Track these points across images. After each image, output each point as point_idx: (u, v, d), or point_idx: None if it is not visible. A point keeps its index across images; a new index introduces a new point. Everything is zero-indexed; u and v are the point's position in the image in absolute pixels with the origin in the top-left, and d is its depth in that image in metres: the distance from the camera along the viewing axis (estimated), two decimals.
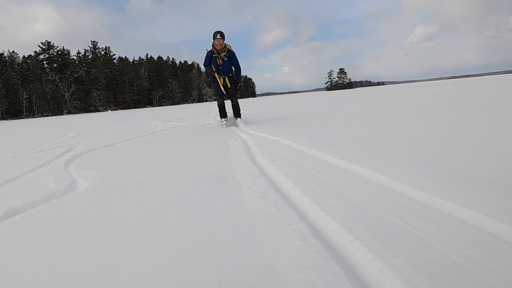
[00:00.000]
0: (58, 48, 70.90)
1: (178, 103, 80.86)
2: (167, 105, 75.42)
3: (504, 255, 0.93)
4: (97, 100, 68.26)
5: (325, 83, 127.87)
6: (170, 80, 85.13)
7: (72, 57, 72.68)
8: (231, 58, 5.89)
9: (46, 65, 68.97)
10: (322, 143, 2.99)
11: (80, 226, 1.41)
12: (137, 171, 2.57)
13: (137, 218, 1.47)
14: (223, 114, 6.18)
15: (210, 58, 5.89)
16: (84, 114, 48.77)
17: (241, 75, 6.19)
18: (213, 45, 5.77)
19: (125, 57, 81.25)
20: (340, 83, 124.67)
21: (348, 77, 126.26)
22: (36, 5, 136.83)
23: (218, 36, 5.63)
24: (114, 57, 78.80)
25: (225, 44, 5.78)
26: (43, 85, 63.15)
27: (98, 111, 63.43)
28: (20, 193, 1.97)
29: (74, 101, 65.67)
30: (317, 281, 0.87)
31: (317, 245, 1.07)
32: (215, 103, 8.44)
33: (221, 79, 5.92)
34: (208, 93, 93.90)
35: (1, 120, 51.19)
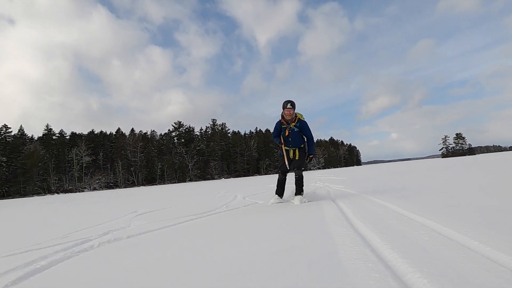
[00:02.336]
0: (186, 126, 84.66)
1: None
2: (273, 173, 79.60)
3: None
4: (213, 169, 76.68)
5: (440, 150, 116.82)
6: (276, 151, 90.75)
7: (195, 133, 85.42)
8: (302, 128, 5.40)
9: (176, 140, 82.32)
10: None
11: None
12: None
13: None
14: (279, 190, 5.56)
15: (279, 129, 5.49)
16: (201, 181, 55.23)
17: (314, 146, 5.59)
18: (282, 115, 5.40)
19: (238, 131, 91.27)
20: (458, 149, 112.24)
21: (467, 142, 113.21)
22: (170, 91, 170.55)
23: (289, 106, 5.22)
24: (228, 131, 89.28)
25: (295, 113, 5.36)
26: (172, 157, 74.91)
27: (214, 178, 70.81)
28: None
29: (195, 170, 75.27)
30: None
31: None
32: (318, 171, 8.48)
33: (290, 152, 5.47)
34: (312, 162, 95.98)
35: (141, 186, 62.06)
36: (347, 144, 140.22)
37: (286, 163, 5.45)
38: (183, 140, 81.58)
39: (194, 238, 3.05)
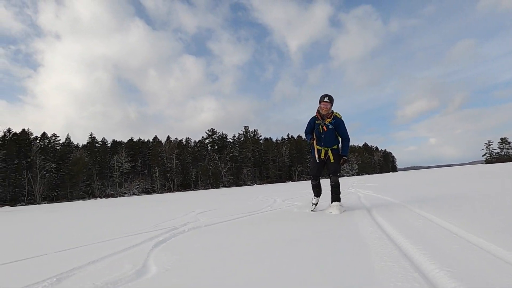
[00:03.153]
0: (219, 133, 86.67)
1: None
2: (305, 180, 79.36)
3: None
4: (246, 176, 77.77)
5: (483, 155, 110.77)
6: (308, 157, 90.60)
7: (228, 140, 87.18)
8: (338, 126, 4.88)
9: (210, 147, 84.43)
10: None
11: None
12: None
13: None
14: (316, 191, 5.24)
15: (312, 124, 4.97)
16: (235, 187, 56.27)
17: (349, 147, 5.02)
18: (318, 110, 4.94)
19: (270, 137, 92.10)
20: (503, 154, 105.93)
21: None
22: (203, 99, 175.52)
23: (326, 99, 4.77)
24: (260, 138, 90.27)
25: (332, 110, 4.91)
26: (206, 163, 76.87)
27: (246, 185, 71.85)
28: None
29: (228, 176, 76.75)
30: None
31: None
32: (351, 178, 8.11)
33: (322, 151, 4.96)
34: (345, 168, 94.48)
35: (176, 191, 64.22)
36: (382, 150, 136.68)
37: (316, 156, 4.98)
38: (216, 147, 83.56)
39: (252, 227, 4.09)
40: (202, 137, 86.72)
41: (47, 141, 68.46)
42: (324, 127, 4.88)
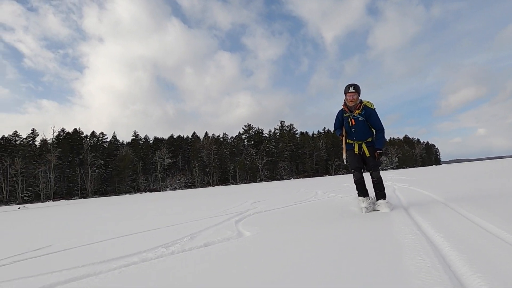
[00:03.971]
0: (255, 129, 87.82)
1: None
2: (343, 174, 78.33)
3: None
4: (282, 170, 78.34)
5: None
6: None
7: (264, 135, 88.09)
8: (370, 117, 4.41)
9: (246, 142, 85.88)
10: None
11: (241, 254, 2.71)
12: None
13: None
14: (362, 190, 4.55)
15: (341, 118, 4.60)
16: (272, 181, 57.16)
17: (384, 140, 4.51)
18: (344, 102, 4.52)
19: (306, 131, 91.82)
20: None
21: None
22: (238, 94, 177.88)
23: (351, 89, 4.38)
24: (296, 132, 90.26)
25: (361, 100, 4.48)
26: (243, 158, 78.38)
27: (283, 179, 72.46)
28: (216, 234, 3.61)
29: (265, 170, 77.77)
30: None
31: None
32: (391, 172, 7.66)
33: (356, 145, 4.51)
34: (385, 162, 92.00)
35: (215, 186, 66.32)
36: (423, 142, 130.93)
37: (344, 157, 4.68)
38: (252, 142, 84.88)
39: (305, 211, 5.08)
40: (239, 132, 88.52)
41: (96, 139, 73.44)
42: (352, 120, 4.43)
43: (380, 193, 4.49)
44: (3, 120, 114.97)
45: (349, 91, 4.40)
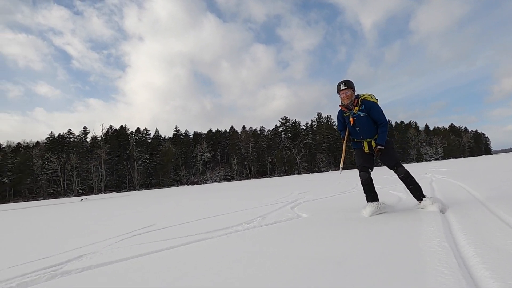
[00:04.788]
0: (292, 121, 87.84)
1: None
2: (383, 165, 76.37)
3: None
4: (320, 162, 77.95)
5: None
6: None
7: (301, 127, 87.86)
8: (370, 110, 4.04)
9: (283, 135, 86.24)
10: None
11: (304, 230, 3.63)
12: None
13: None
14: (370, 195, 4.12)
15: (342, 120, 4.29)
16: (310, 174, 57.28)
17: (386, 134, 4.06)
18: (341, 102, 4.23)
19: None
20: None
21: None
22: (274, 86, 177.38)
23: (343, 86, 4.08)
24: (334, 123, 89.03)
25: (358, 95, 4.17)
26: (281, 151, 78.91)
27: (321, 171, 72.09)
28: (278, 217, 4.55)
29: (303, 163, 77.82)
30: None
31: None
32: (434, 163, 6.79)
33: (365, 144, 4.14)
34: (428, 152, 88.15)
35: (254, 178, 67.64)
36: (472, 130, 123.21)
37: (341, 165, 4.39)
38: (290, 135, 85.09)
39: (348, 201, 5.82)
40: (276, 125, 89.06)
41: (140, 135, 77.56)
42: (352, 119, 4.10)
43: (415, 189, 3.96)
44: (57, 119, 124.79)
45: (341, 88, 4.09)
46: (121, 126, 76.56)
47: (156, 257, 2.69)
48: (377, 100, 4.17)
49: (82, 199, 27.00)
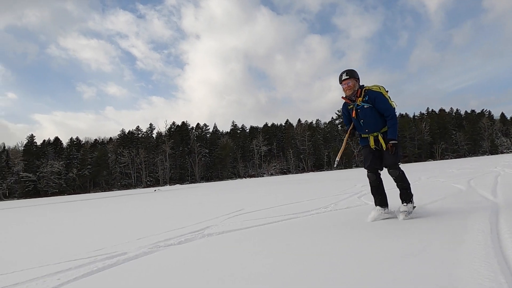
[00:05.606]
0: None
1: (464, 156, 74.02)
2: (450, 158, 71.04)
3: None
4: None
5: None
6: (454, 132, 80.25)
7: None
8: (376, 101, 3.72)
9: (340, 128, 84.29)
10: None
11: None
12: None
13: None
14: (377, 197, 3.95)
15: (346, 112, 4.04)
16: None
17: (397, 126, 3.72)
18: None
19: (405, 113, 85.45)
20: None
21: None
22: (330, 77, 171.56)
23: (345, 77, 3.79)
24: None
25: (362, 85, 3.89)
26: (337, 144, 77.33)
27: None
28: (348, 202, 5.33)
29: (361, 156, 75.44)
30: None
31: None
32: (507, 155, 6.38)
33: (371, 139, 3.85)
34: (505, 143, 79.89)
35: (310, 172, 67.39)
36: None
37: (337, 158, 4.20)
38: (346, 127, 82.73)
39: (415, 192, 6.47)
40: (332, 117, 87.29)
41: (200, 130, 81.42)
42: (354, 112, 3.83)
43: (404, 195, 3.76)
44: (124, 116, 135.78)
45: (343, 79, 3.80)
46: (183, 122, 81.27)
47: (264, 229, 3.67)
48: (387, 91, 3.87)
49: (155, 190, 29.58)
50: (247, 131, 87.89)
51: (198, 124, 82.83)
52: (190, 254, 2.77)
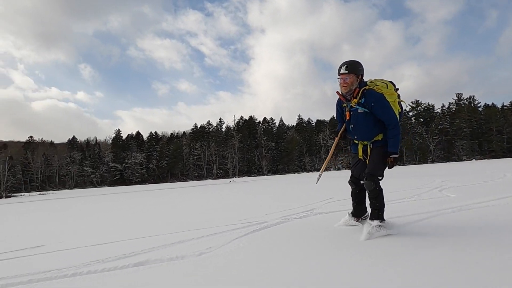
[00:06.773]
0: (424, 104, 79.78)
1: None
2: None
3: None
4: (460, 150, 68.95)
5: None
6: None
7: (436, 111, 78.94)
8: (374, 105, 3.11)
9: (414, 120, 79.26)
10: None
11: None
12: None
13: None
14: (355, 208, 3.55)
15: (340, 110, 3.46)
16: (447, 163, 51.63)
17: (399, 137, 3.14)
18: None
19: (492, 103, 76.77)
20: None
21: None
22: (402, 66, 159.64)
23: (343, 70, 3.19)
24: (479, 105, 76.85)
25: (364, 82, 3.25)
26: (411, 138, 72.95)
27: (461, 160, 63.83)
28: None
29: (437, 150, 70.32)
30: None
31: None
32: None
33: (359, 148, 3.34)
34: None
35: None
36: None
37: (320, 173, 3.69)
38: (421, 119, 77.59)
39: (491, 189, 6.75)
40: (405, 109, 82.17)
41: (267, 124, 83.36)
42: (347, 114, 3.27)
43: (373, 212, 3.14)
44: (194, 111, 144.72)
45: (340, 72, 3.19)
46: (250, 116, 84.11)
47: None
48: (397, 89, 3.31)
49: (230, 181, 31.71)
50: (313, 124, 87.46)
51: (264, 118, 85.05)
52: (308, 225, 3.82)
